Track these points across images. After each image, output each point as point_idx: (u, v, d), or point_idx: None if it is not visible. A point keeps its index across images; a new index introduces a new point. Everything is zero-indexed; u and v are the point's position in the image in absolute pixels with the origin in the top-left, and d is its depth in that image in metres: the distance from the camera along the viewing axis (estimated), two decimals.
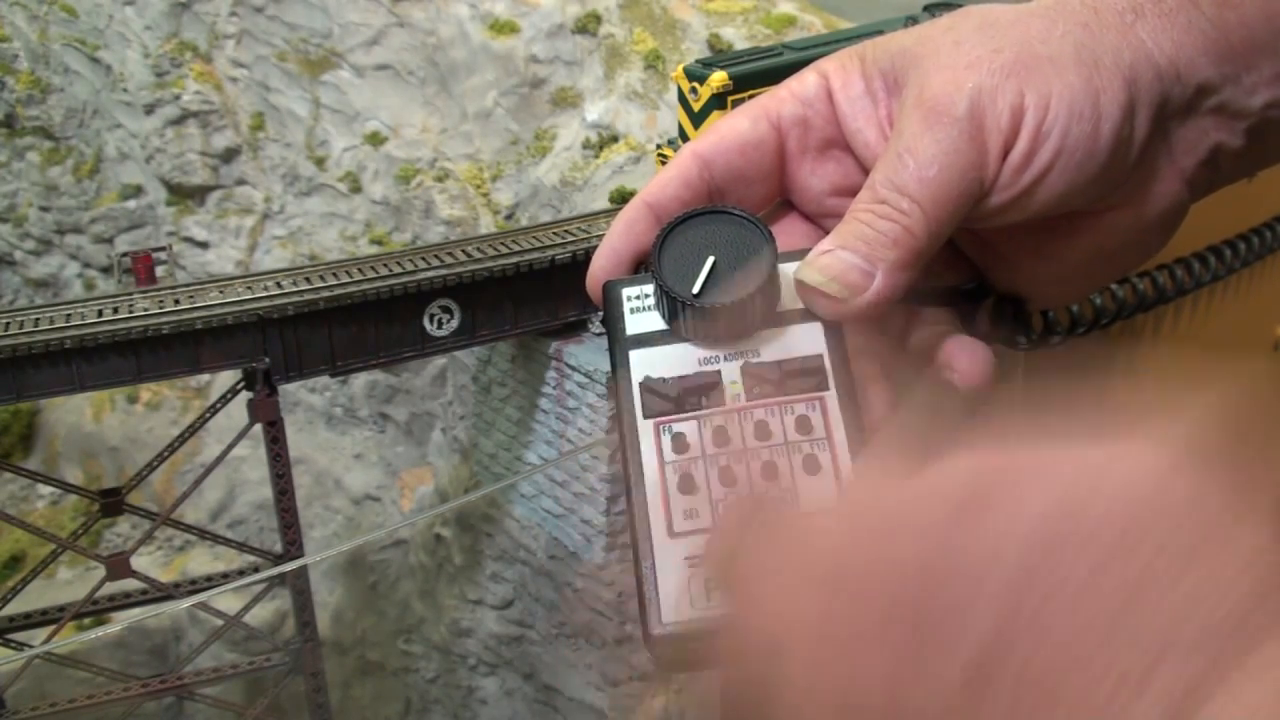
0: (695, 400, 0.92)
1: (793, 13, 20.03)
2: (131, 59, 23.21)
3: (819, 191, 1.07)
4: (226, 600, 16.89)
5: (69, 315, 14.17)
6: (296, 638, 17.11)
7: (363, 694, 20.56)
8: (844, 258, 0.94)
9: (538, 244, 15.35)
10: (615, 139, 19.53)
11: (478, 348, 16.71)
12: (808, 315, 0.96)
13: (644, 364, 0.95)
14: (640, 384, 0.94)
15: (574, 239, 15.36)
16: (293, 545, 16.17)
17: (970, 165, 0.94)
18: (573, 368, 15.75)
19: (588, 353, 15.65)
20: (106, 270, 22.71)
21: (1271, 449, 0.54)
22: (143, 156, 23.44)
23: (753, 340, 0.95)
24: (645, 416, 0.92)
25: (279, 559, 16.26)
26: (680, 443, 0.91)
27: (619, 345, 0.97)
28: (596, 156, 19.50)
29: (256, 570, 16.68)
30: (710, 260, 0.94)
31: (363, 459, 22.05)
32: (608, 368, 1.00)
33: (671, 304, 0.95)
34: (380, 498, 21.76)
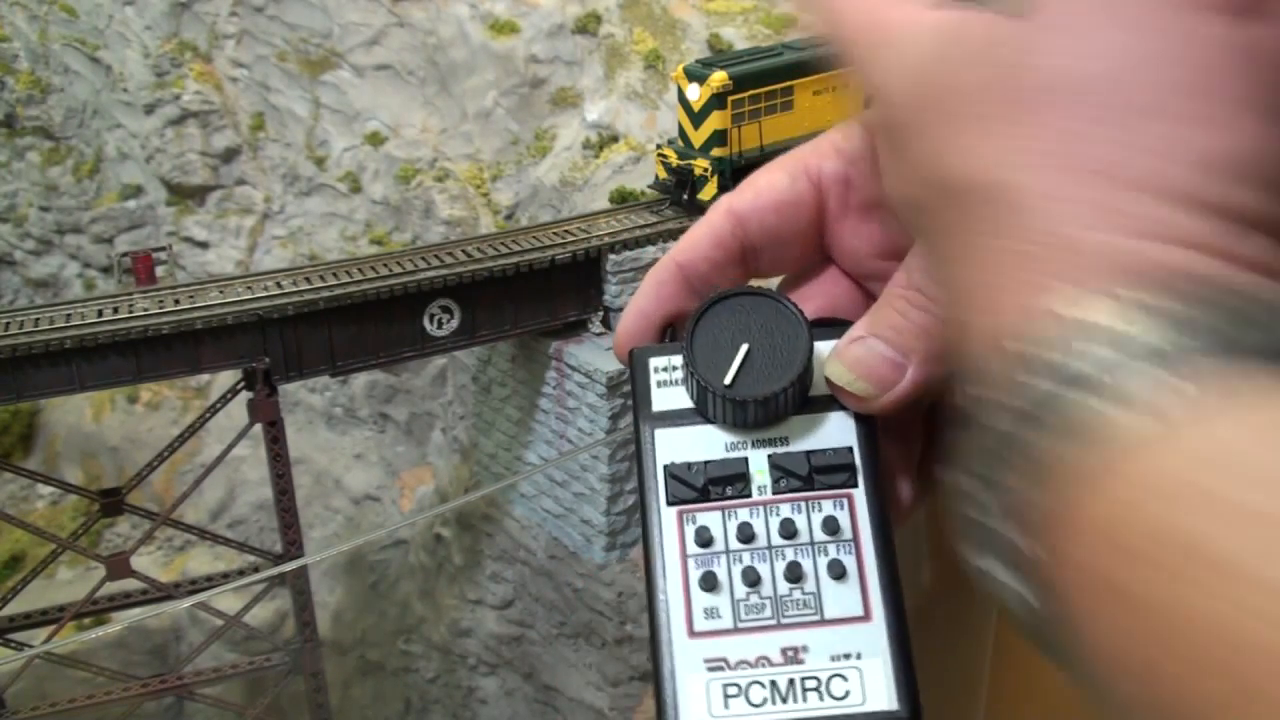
0: (720, 490, 0.89)
1: (793, 13, 20.02)
2: (131, 59, 23.21)
3: (862, 253, 1.03)
4: (226, 600, 16.88)
5: (69, 315, 14.17)
6: (296, 638, 17.11)
7: (363, 694, 20.56)
8: (875, 347, 0.90)
9: (538, 244, 15.34)
10: (615, 139, 19.53)
11: (478, 348, 16.70)
12: (839, 402, 0.94)
13: (669, 446, 0.93)
14: (665, 468, 0.92)
15: (574, 239, 15.35)
16: (293, 545, 16.16)
17: None
18: (573, 368, 15.74)
19: (588, 353, 15.63)
20: (106, 270, 22.71)
21: None
22: (143, 156, 23.44)
23: (782, 427, 0.92)
24: (669, 504, 0.89)
25: (279, 559, 16.26)
26: (704, 536, 0.87)
27: (645, 421, 0.95)
28: (596, 156, 19.50)
29: (256, 570, 16.67)
30: (744, 348, 0.93)
31: (363, 459, 22.05)
32: (608, 368, 0.99)
33: (702, 392, 0.93)
34: (380, 498, 21.75)
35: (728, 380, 0.91)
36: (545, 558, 16.83)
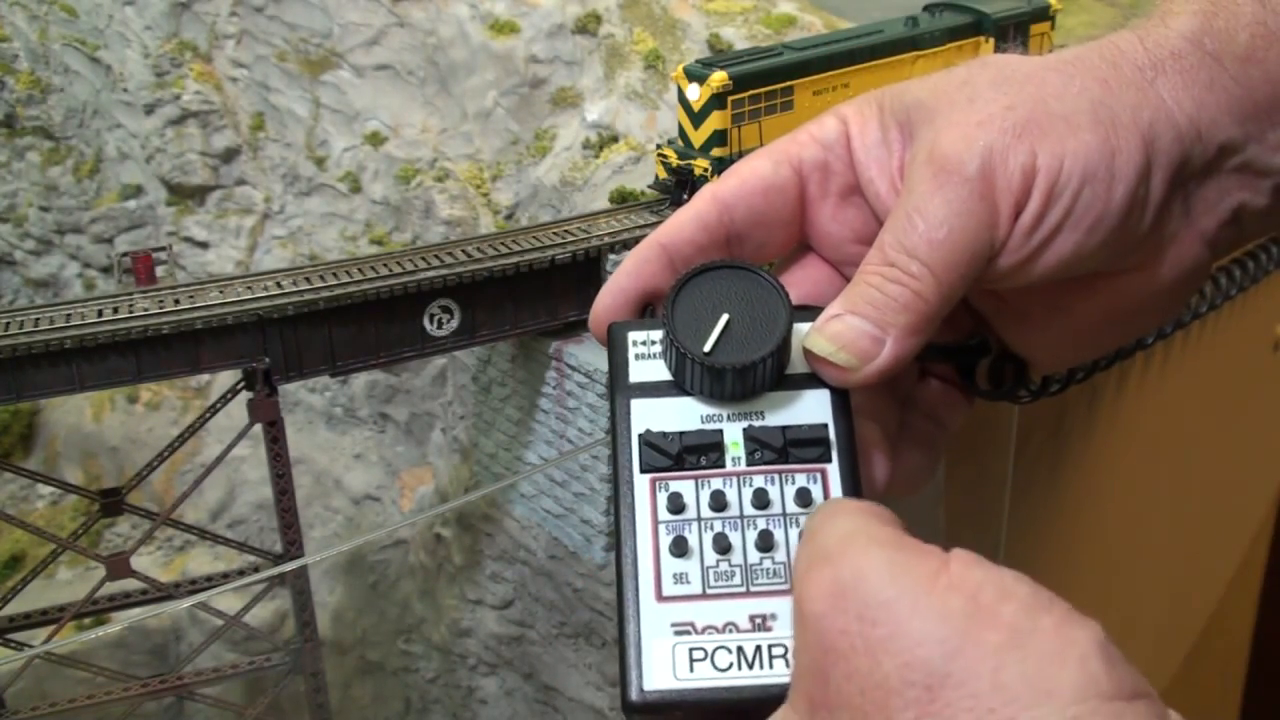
0: (695, 459, 0.90)
1: (793, 13, 20.02)
2: (131, 59, 23.21)
3: (841, 238, 1.04)
4: (226, 600, 16.88)
5: (69, 315, 14.16)
6: (296, 638, 17.11)
7: (363, 694, 20.56)
8: (853, 323, 0.92)
9: (538, 244, 15.33)
10: (615, 139, 19.53)
11: (478, 348, 16.70)
12: (815, 380, 0.93)
13: (645, 415, 0.92)
14: (640, 436, 0.92)
15: (574, 239, 15.35)
16: (293, 545, 16.16)
17: (981, 226, 0.92)
18: (573, 368, 15.74)
19: (588, 353, 15.64)
20: (106, 270, 22.70)
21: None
22: (143, 156, 23.44)
23: (758, 402, 0.93)
24: (642, 471, 0.90)
25: (279, 559, 16.26)
26: (676, 502, 0.89)
27: (620, 392, 0.95)
28: (596, 156, 19.49)
29: (256, 570, 16.67)
30: (724, 318, 0.92)
31: (363, 459, 22.04)
32: (608, 368, 0.98)
33: (680, 358, 0.92)
34: (380, 498, 21.75)
35: (707, 348, 0.92)
36: (545, 558, 16.83)
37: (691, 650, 0.85)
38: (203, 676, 17.16)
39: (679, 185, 15.22)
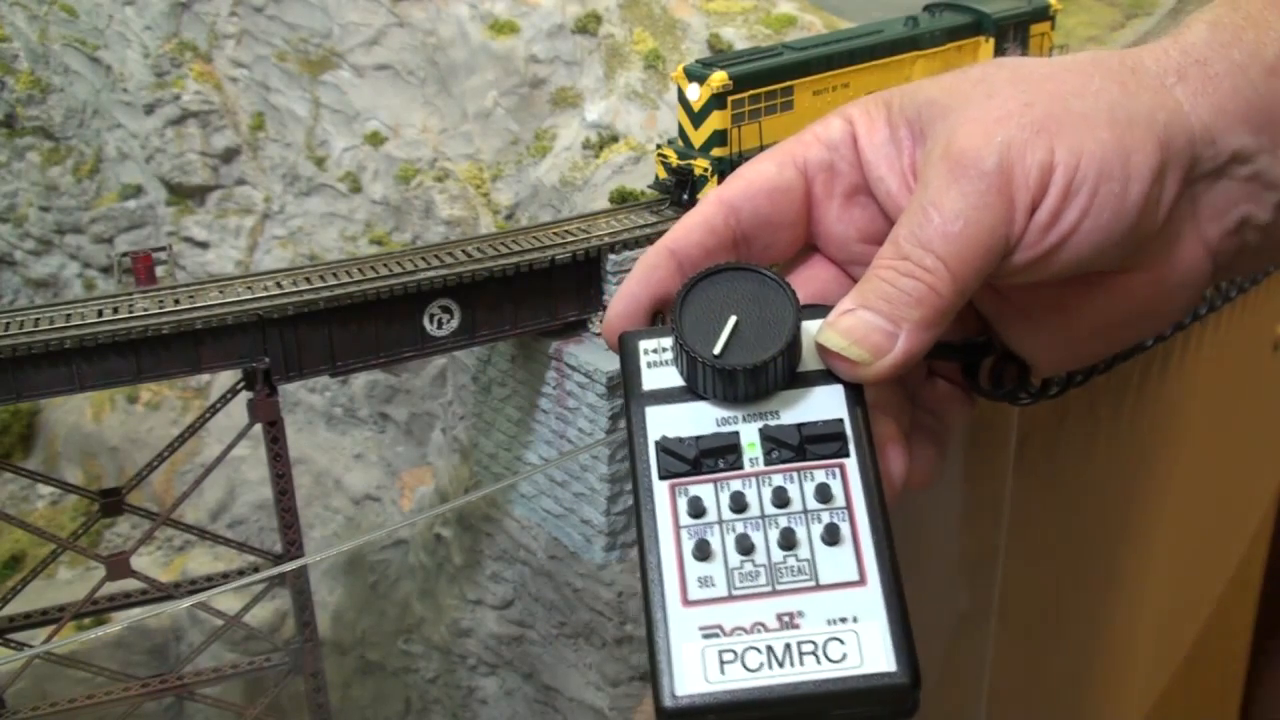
0: (713, 463, 0.91)
1: (793, 13, 20.02)
2: (131, 59, 23.20)
3: (847, 238, 1.05)
4: (226, 600, 16.88)
5: (69, 315, 14.15)
6: (296, 638, 17.10)
7: (363, 694, 20.55)
8: (866, 318, 0.92)
9: (538, 244, 15.33)
10: (615, 139, 19.52)
11: (478, 348, 16.69)
12: (829, 376, 0.94)
13: (660, 422, 0.93)
14: (657, 443, 0.92)
15: (574, 239, 15.34)
16: (293, 545, 16.16)
17: (997, 221, 0.92)
18: (573, 368, 15.73)
19: (588, 353, 15.62)
20: (106, 270, 22.70)
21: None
22: (143, 156, 23.43)
23: (773, 401, 0.93)
24: (661, 477, 0.91)
25: (279, 559, 16.25)
26: (696, 507, 0.89)
27: (635, 400, 0.95)
28: (596, 156, 19.49)
29: (256, 570, 16.67)
30: (732, 320, 0.93)
31: (363, 459, 22.04)
32: (608, 368, 0.99)
33: (691, 363, 0.93)
34: (380, 498, 21.75)
35: (717, 350, 0.92)
36: (545, 558, 16.83)
37: (721, 653, 0.85)
38: (203, 676, 17.16)
39: (679, 185, 15.22)
